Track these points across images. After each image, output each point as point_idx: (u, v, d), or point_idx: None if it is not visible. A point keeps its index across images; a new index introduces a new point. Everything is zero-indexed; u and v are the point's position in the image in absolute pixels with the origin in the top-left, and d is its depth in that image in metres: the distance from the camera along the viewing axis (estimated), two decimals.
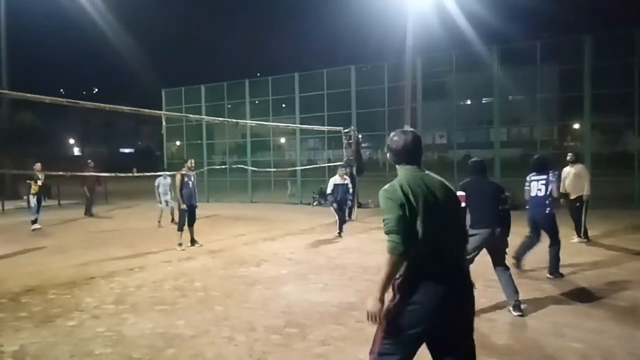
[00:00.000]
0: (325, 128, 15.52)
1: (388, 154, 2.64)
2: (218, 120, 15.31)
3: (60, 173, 14.00)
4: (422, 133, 17.08)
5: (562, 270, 6.17)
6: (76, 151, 62.11)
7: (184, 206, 8.67)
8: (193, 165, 9.04)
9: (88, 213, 14.81)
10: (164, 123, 22.07)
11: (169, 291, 5.93)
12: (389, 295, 2.37)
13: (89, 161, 15.44)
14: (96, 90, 79.50)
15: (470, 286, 2.44)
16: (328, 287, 5.98)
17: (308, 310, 5.04)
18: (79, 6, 25.09)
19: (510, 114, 19.64)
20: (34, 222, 11.79)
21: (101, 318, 4.92)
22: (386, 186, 2.45)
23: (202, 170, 17.33)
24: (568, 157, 8.76)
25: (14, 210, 16.78)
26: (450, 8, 16.03)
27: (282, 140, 24.46)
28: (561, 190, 8.12)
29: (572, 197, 8.47)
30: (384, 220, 2.39)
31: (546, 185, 6.08)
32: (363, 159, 14.78)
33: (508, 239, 4.95)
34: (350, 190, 10.36)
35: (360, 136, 14.21)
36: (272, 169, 17.25)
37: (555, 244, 6.16)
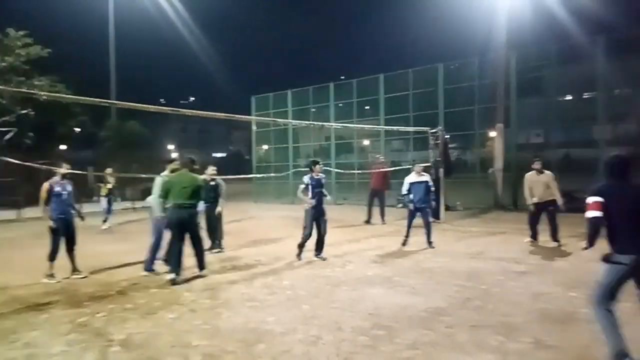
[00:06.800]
0: (411, 129, 15.23)
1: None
2: (304, 123, 15.65)
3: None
4: (516, 131, 16.18)
5: None
6: (174, 156, 66.62)
7: (52, 224, 6.77)
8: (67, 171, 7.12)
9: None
10: (254, 128, 23.09)
11: (259, 288, 6.14)
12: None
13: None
14: (192, 99, 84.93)
15: None
16: (416, 291, 5.84)
17: (396, 313, 4.95)
18: (173, 23, 27.08)
19: (617, 109, 17.92)
20: (105, 221, 12.63)
21: (198, 312, 5.21)
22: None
23: (288, 173, 17.82)
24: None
25: (121, 210, 18.39)
26: None
27: (366, 142, 24.42)
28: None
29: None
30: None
31: None
32: (451, 160, 14.30)
33: None
34: (432, 189, 8.94)
35: (447, 136, 13.75)
36: (356, 171, 17.26)
37: None
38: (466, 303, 5.29)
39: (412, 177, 8.90)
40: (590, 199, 3.58)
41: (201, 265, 6.88)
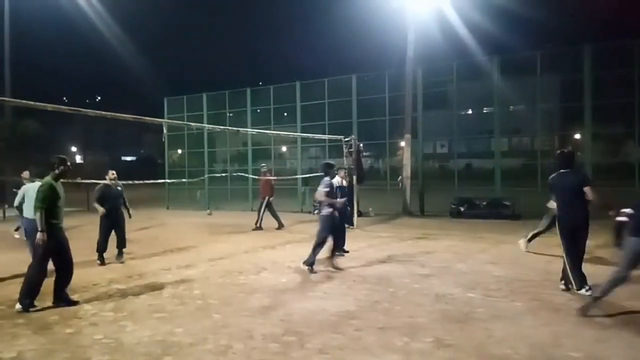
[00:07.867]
0: (326, 137, 15.56)
1: None
2: (219, 128, 15.36)
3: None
4: (423, 142, 17.17)
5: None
6: (78, 159, 62.21)
7: None
8: None
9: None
10: (165, 131, 22.13)
11: (168, 299, 5.92)
12: None
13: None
14: (99, 98, 79.80)
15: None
16: (327, 296, 5.96)
17: (307, 319, 5.02)
18: (82, 15, 25.27)
19: (511, 124, 19.74)
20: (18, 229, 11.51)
21: (99, 325, 4.91)
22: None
23: (202, 178, 17.36)
24: None
25: (15, 217, 16.79)
26: (451, 18, 16.14)
27: (284, 148, 24.49)
28: None
29: None
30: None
31: None
32: (364, 168, 14.79)
33: None
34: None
35: (361, 145, 14.23)
36: (273, 177, 17.25)
37: None
38: (375, 306, 5.50)
39: (337, 181, 8.64)
40: None
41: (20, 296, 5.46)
